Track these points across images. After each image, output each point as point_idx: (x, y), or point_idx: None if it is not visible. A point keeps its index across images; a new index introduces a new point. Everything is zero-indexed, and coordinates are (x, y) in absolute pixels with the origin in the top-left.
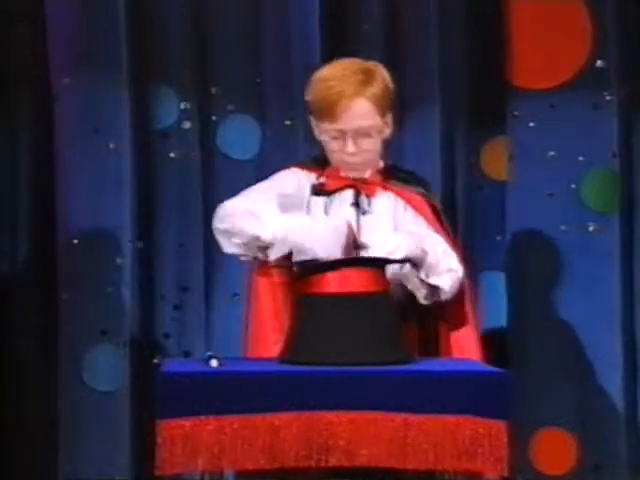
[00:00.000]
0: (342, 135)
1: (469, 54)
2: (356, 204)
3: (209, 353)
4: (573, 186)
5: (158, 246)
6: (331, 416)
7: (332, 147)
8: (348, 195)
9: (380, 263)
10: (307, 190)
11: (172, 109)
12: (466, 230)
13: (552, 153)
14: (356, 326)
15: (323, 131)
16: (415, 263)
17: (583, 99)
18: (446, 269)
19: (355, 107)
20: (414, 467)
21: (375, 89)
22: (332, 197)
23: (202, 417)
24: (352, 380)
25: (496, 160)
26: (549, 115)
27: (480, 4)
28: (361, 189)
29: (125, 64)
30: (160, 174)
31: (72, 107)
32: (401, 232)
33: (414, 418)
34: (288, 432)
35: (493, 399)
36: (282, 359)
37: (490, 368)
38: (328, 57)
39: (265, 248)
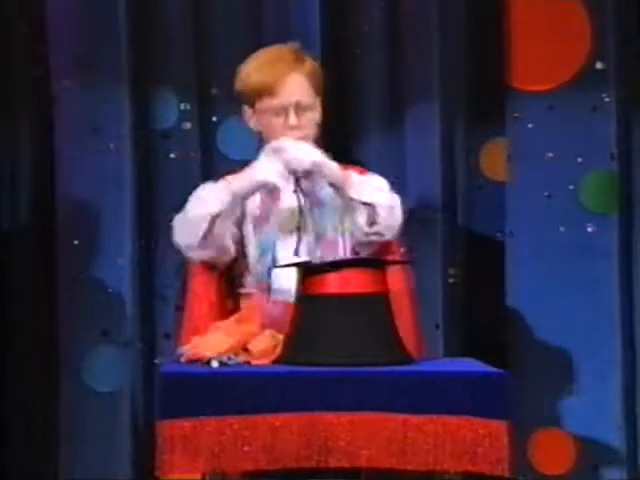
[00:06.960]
0: (283, 111)
1: (469, 55)
2: (298, 189)
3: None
4: (572, 187)
5: (158, 246)
6: (331, 417)
7: (274, 125)
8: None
9: (380, 263)
10: None
11: (172, 110)
12: (465, 230)
13: (551, 154)
14: (356, 326)
15: (263, 112)
16: (340, 186)
17: (582, 101)
18: (376, 187)
19: (293, 81)
20: (414, 468)
21: (307, 67)
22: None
23: (202, 418)
24: (352, 380)
25: (495, 161)
26: (548, 116)
27: (480, 5)
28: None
29: (125, 65)
30: (160, 174)
31: (72, 107)
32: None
33: (414, 418)
34: (288, 433)
35: (493, 399)
36: (282, 360)
37: (490, 368)
38: (328, 58)
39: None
